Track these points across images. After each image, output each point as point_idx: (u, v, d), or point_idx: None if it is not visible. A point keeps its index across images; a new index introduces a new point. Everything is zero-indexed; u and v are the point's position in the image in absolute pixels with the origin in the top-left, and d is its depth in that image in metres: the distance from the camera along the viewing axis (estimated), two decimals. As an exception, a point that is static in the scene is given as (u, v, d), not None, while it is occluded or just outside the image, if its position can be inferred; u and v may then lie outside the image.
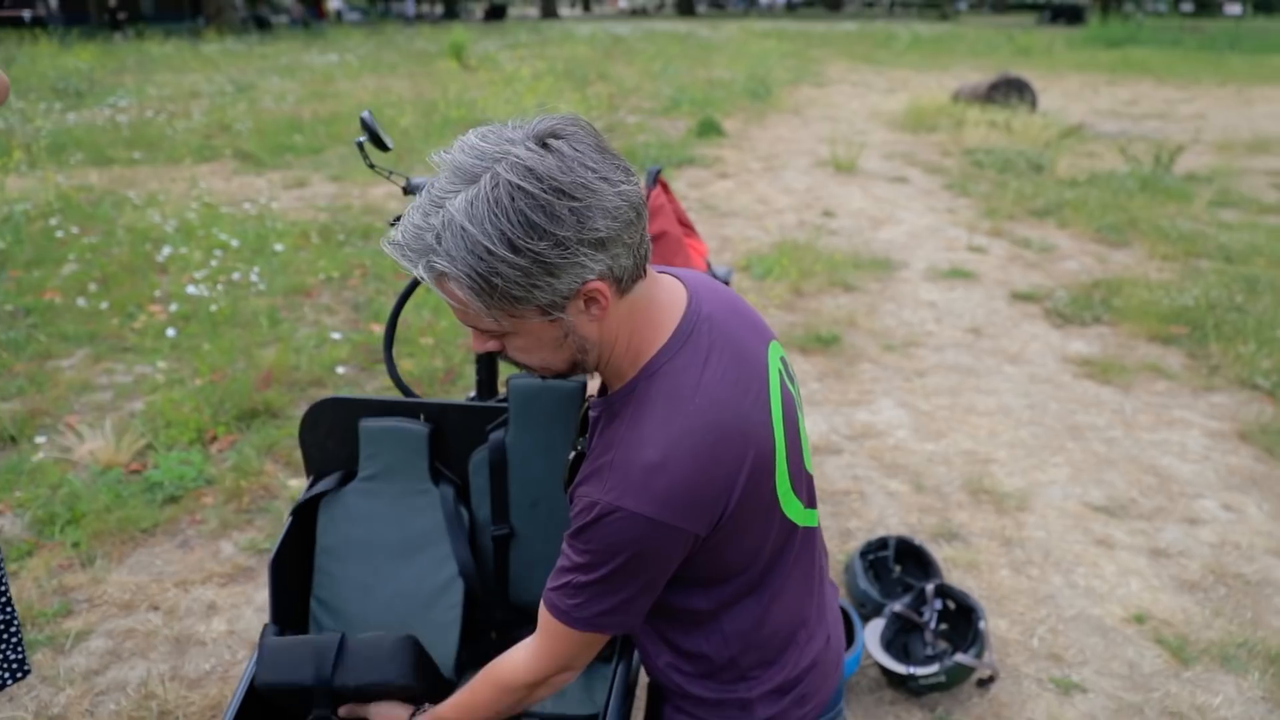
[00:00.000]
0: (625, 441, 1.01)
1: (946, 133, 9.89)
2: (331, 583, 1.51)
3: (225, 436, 3.17)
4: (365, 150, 1.75)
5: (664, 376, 1.02)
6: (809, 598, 1.26)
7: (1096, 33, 24.48)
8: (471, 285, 0.92)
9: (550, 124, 0.94)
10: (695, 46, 21.96)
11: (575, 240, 0.91)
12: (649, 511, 0.98)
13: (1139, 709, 2.04)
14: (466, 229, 0.89)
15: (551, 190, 0.90)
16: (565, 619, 1.08)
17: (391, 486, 1.49)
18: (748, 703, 1.24)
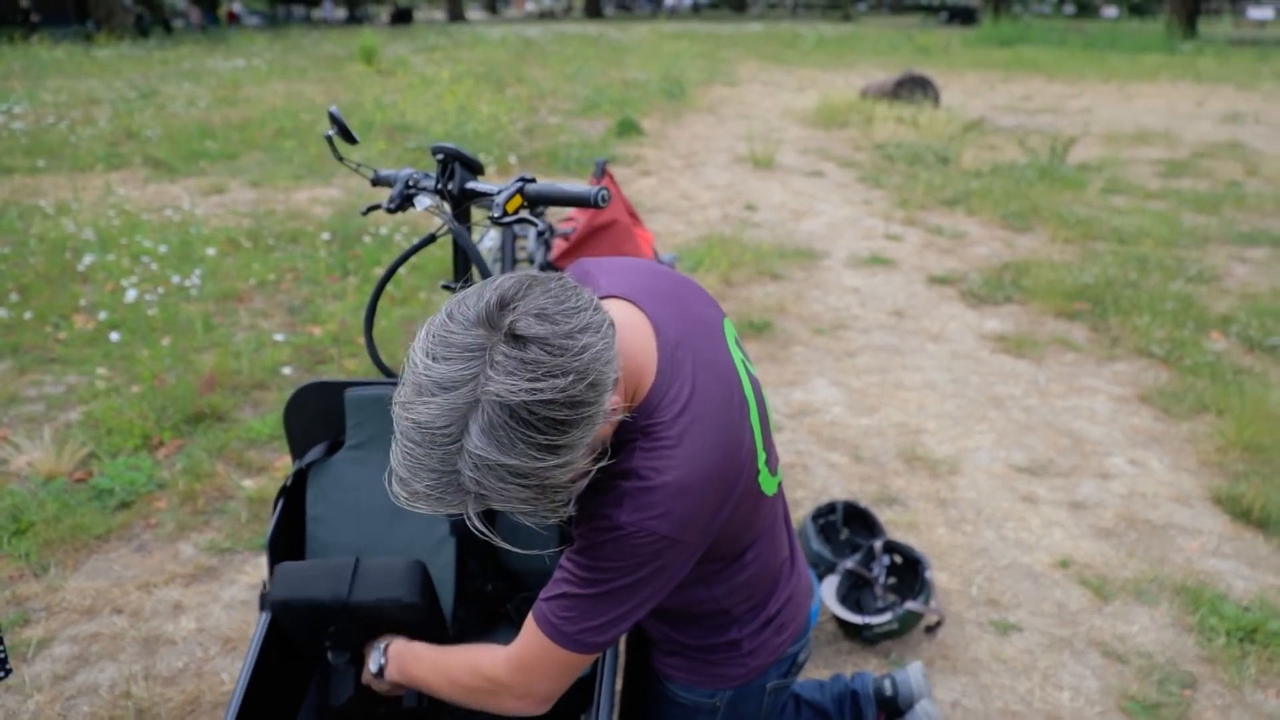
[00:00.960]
0: (645, 470, 1.02)
1: (857, 128, 10.26)
2: (325, 550, 1.55)
3: (171, 441, 3.13)
4: (334, 144, 1.80)
5: (663, 411, 1.05)
6: (783, 545, 1.39)
7: (989, 33, 25.61)
8: (538, 499, 0.90)
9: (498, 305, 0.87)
10: (607, 48, 22.10)
11: (597, 406, 0.90)
12: (672, 531, 1.02)
13: (1068, 642, 2.24)
14: (502, 463, 0.85)
15: (560, 387, 0.85)
16: (551, 633, 1.09)
17: (379, 453, 1.53)
18: (738, 642, 1.35)
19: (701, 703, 1.39)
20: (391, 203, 1.66)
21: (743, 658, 1.36)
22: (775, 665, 1.41)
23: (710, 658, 1.35)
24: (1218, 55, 20.47)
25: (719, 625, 1.33)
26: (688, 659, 1.37)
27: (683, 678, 1.39)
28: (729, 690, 1.38)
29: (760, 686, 1.41)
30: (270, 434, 3.19)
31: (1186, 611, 2.34)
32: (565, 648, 1.09)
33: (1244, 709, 2.04)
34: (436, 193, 1.63)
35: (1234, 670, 2.14)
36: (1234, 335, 4.22)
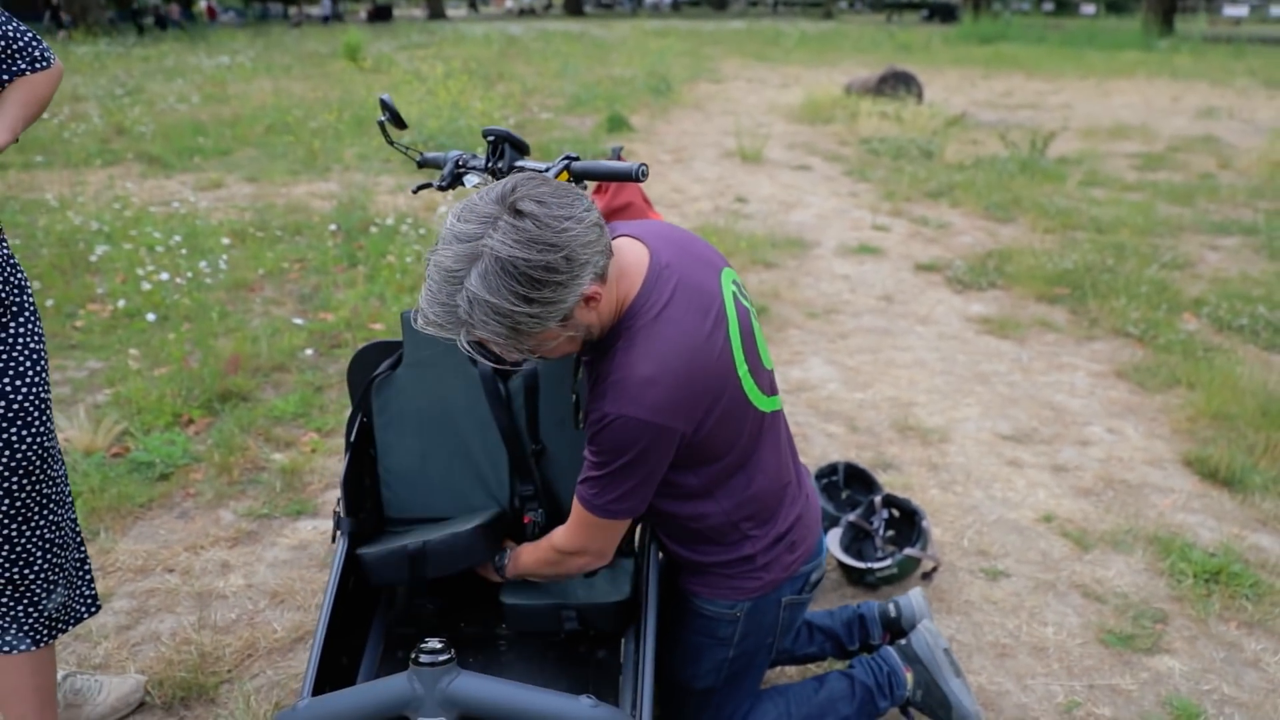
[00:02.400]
0: (621, 365, 1.30)
1: (842, 124, 10.49)
2: (392, 452, 1.74)
3: (201, 419, 3.28)
4: (386, 129, 1.96)
5: (642, 316, 1.32)
6: (786, 467, 1.59)
7: (970, 30, 25.95)
8: (504, 338, 1.20)
9: (512, 191, 1.18)
10: (591, 45, 22.24)
11: (568, 276, 1.18)
12: (645, 416, 1.28)
13: (1051, 585, 2.44)
14: (488, 300, 1.15)
15: (540, 250, 1.15)
16: (587, 506, 1.41)
17: (435, 367, 1.71)
18: (752, 557, 1.55)
19: (723, 613, 1.59)
20: (443, 181, 1.83)
21: (757, 571, 1.55)
22: (789, 581, 1.60)
23: (728, 572, 1.55)
24: (1194, 52, 20.88)
25: (733, 542, 1.52)
26: (709, 575, 1.57)
27: (706, 593, 1.59)
28: (747, 601, 1.58)
29: (776, 600, 1.60)
30: (294, 412, 3.34)
31: (1158, 558, 2.55)
32: (601, 516, 1.41)
33: (1209, 639, 2.25)
34: (487, 171, 1.80)
35: (1200, 606, 2.35)
36: (1205, 317, 4.45)
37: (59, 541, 1.69)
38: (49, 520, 1.65)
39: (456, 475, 1.78)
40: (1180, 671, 2.14)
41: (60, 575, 1.70)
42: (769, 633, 1.63)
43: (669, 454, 1.36)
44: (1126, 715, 2.01)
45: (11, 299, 1.54)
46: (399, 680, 1.03)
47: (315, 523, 2.71)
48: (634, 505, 1.40)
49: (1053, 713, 2.01)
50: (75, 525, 1.76)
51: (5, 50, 1.57)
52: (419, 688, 1.02)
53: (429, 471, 1.78)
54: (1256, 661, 2.18)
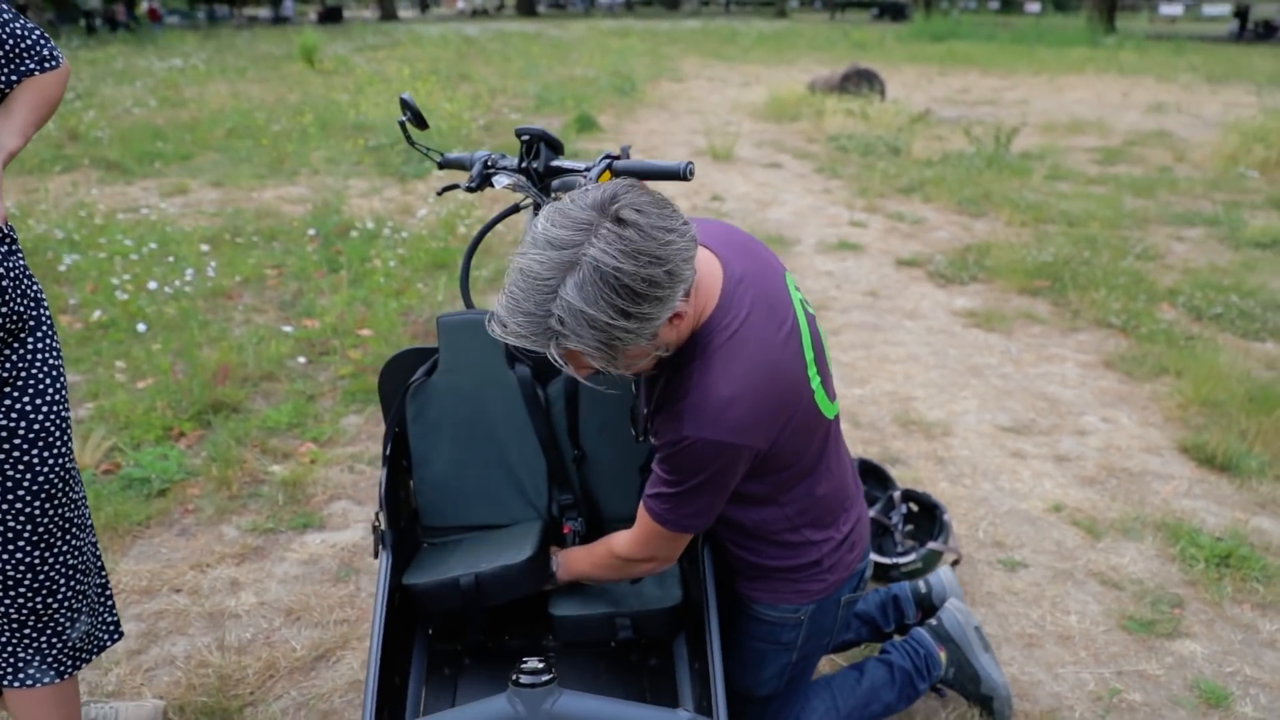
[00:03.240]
0: (699, 387, 1.26)
1: (809, 121, 10.56)
2: (428, 461, 1.70)
3: (192, 432, 3.18)
4: (407, 129, 1.91)
5: (719, 334, 1.27)
6: (847, 469, 1.57)
7: (922, 28, 26.35)
8: (599, 352, 1.14)
9: (612, 199, 1.12)
10: (549, 46, 22.14)
11: (668, 289, 1.14)
12: (724, 438, 1.26)
13: (1069, 574, 2.47)
14: (586, 312, 1.09)
15: (644, 263, 1.10)
16: (659, 520, 1.39)
17: (472, 373, 1.67)
18: (818, 560, 1.53)
19: (787, 618, 1.57)
20: (472, 182, 1.79)
21: (823, 574, 1.54)
22: (848, 580, 1.59)
23: (793, 576, 1.53)
24: (1138, 49, 21.44)
25: (799, 546, 1.51)
26: (772, 580, 1.54)
27: (768, 598, 1.56)
28: (811, 604, 1.56)
29: (837, 600, 1.59)
30: (288, 422, 3.26)
31: (1168, 544, 2.59)
32: (673, 530, 1.40)
33: (1225, 621, 2.29)
34: (520, 171, 1.76)
35: (1214, 590, 2.40)
36: (1181, 306, 4.55)
37: (81, 567, 1.61)
38: (72, 545, 1.58)
39: (494, 483, 1.74)
40: (1202, 655, 2.18)
41: (84, 602, 1.63)
42: (828, 633, 1.62)
43: (744, 470, 1.35)
44: (1157, 700, 2.03)
45: (29, 313, 1.47)
46: (499, 703, 1.00)
47: (323, 536, 2.64)
48: (707, 519, 1.40)
49: (1086, 700, 2.03)
50: (96, 549, 1.69)
51: (13, 50, 1.50)
52: (522, 710, 0.99)
53: (466, 480, 1.74)
54: (1273, 642, 2.23)
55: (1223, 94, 14.16)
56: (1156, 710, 2.01)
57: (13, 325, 1.41)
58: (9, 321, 1.40)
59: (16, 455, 1.44)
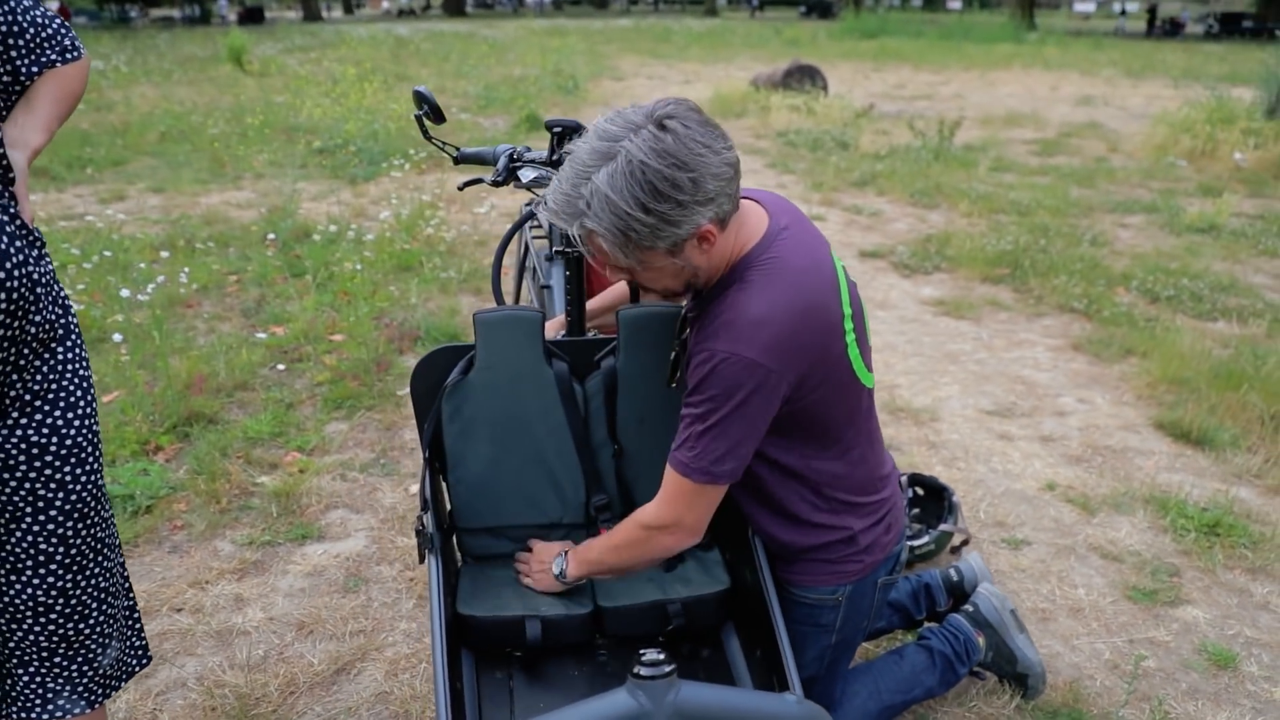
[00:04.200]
0: (733, 306, 1.30)
1: (755, 117, 10.66)
2: (464, 460, 1.67)
3: (170, 446, 3.06)
4: (424, 123, 1.87)
5: (758, 264, 1.34)
6: (881, 452, 1.59)
7: (852, 25, 26.86)
8: (613, 239, 1.23)
9: (664, 108, 1.22)
10: (483, 46, 21.91)
11: (691, 200, 1.21)
12: (756, 356, 1.27)
13: (1071, 549, 2.54)
14: (609, 197, 1.19)
15: (671, 164, 1.18)
16: (686, 470, 1.36)
17: (509, 370, 1.64)
18: (854, 538, 1.54)
19: (825, 599, 1.59)
20: (498, 175, 1.76)
21: (860, 554, 1.55)
22: (884, 562, 1.61)
23: (829, 556, 1.55)
24: (1059, 44, 22.21)
25: (836, 523, 1.52)
26: (810, 562, 1.56)
27: (806, 580, 1.58)
28: (849, 585, 1.58)
29: (873, 582, 1.61)
30: (270, 431, 3.16)
31: (1158, 517, 2.69)
32: (698, 480, 1.35)
33: (1220, 587, 2.39)
34: (549, 164, 1.74)
35: (1206, 558, 2.50)
36: (1135, 290, 4.72)
37: (113, 589, 1.53)
38: (104, 567, 1.50)
39: (530, 482, 1.71)
40: (1205, 620, 2.26)
41: (114, 627, 1.55)
42: (866, 614, 1.64)
43: (773, 406, 1.33)
44: (1169, 665, 2.11)
45: (58, 320, 1.39)
46: (621, 696, 0.98)
47: (324, 547, 2.56)
48: (734, 467, 1.36)
49: (1104, 669, 2.09)
50: (124, 569, 1.61)
51: (34, 39, 1.41)
52: (646, 702, 0.97)
53: (501, 479, 1.70)
54: (1266, 604, 2.33)
55: (1143, 88, 14.76)
56: (1171, 675, 2.08)
57: (45, 335, 1.34)
58: (42, 331, 1.32)
59: (49, 474, 1.36)
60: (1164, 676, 2.07)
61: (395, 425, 3.23)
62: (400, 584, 2.39)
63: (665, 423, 1.68)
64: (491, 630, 1.56)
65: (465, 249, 5.24)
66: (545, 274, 2.46)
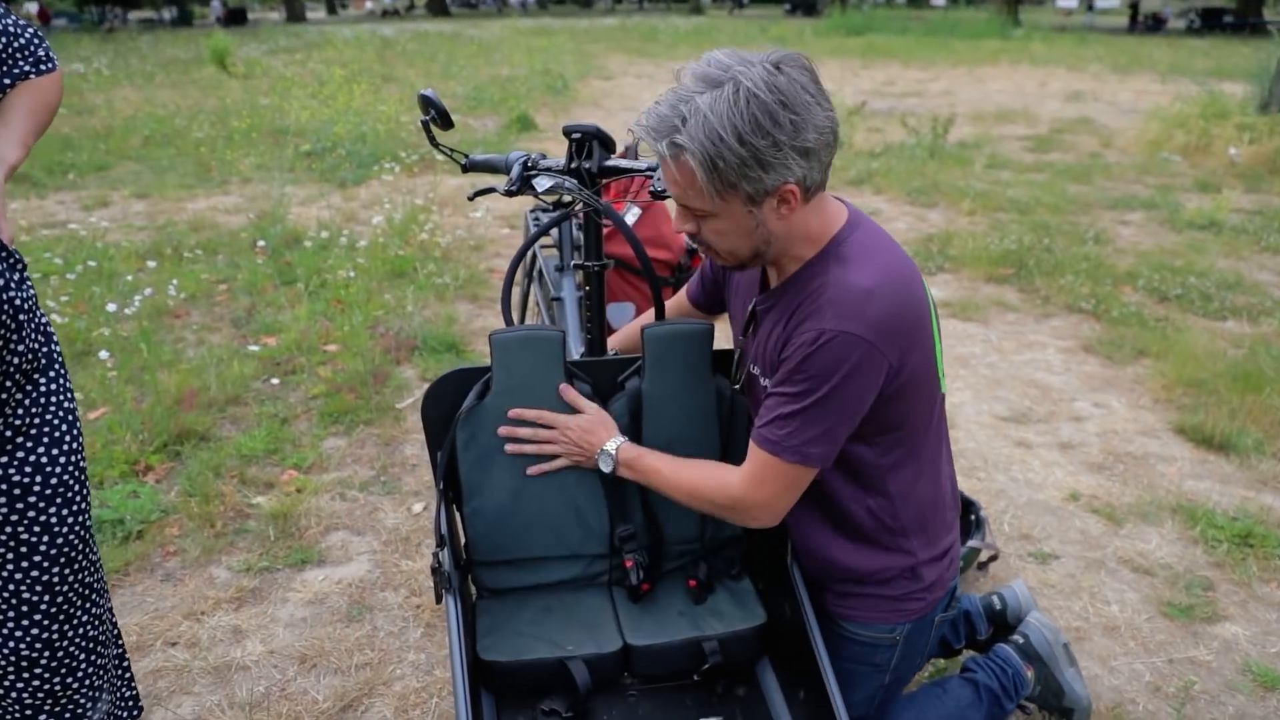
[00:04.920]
0: (835, 283, 1.24)
1: (746, 117, 10.56)
2: (481, 491, 1.56)
3: (161, 466, 2.94)
4: (431, 129, 1.76)
5: (852, 243, 1.29)
6: (949, 471, 1.50)
7: (839, 22, 26.80)
8: (701, 161, 1.16)
9: (780, 54, 1.18)
10: (470, 46, 21.72)
11: (788, 144, 1.16)
12: (865, 333, 1.20)
13: (1101, 563, 2.46)
14: (708, 118, 1.13)
15: (778, 101, 1.14)
16: (775, 449, 1.28)
17: (528, 394, 1.54)
18: (916, 568, 1.44)
19: (881, 638, 1.48)
20: (512, 184, 1.66)
21: (922, 591, 1.45)
22: (943, 598, 1.51)
23: (892, 592, 1.44)
24: (1045, 40, 22.23)
25: (893, 542, 1.42)
26: (869, 597, 1.45)
27: (863, 616, 1.47)
28: (908, 624, 1.47)
29: (931, 620, 1.51)
30: (265, 449, 3.04)
31: (1187, 527, 2.61)
32: (790, 461, 1.28)
33: (1258, 602, 2.31)
34: (568, 172, 1.63)
35: (1240, 570, 2.42)
36: (1142, 289, 4.66)
37: (102, 638, 1.43)
38: (92, 615, 1.39)
39: (552, 511, 1.61)
40: (1245, 637, 2.18)
41: (104, 679, 1.44)
42: (922, 653, 1.55)
43: (872, 390, 1.25)
44: (1214, 687, 2.03)
45: (40, 349, 1.28)
46: None
47: (325, 572, 2.45)
48: (827, 450, 1.28)
49: (1146, 693, 2.01)
50: (113, 615, 1.50)
51: (5, 49, 1.31)
52: None
53: (522, 509, 1.60)
54: (1306, 620, 2.25)
55: (1130, 83, 14.76)
56: (1216, 697, 2.00)
57: (28, 365, 1.23)
58: (25, 362, 1.21)
59: (33, 515, 1.25)
60: (1209, 700, 1.99)
61: (394, 440, 3.12)
62: (407, 611, 2.28)
63: (694, 445, 1.58)
64: (515, 675, 1.46)
65: (461, 254, 5.13)
66: (556, 285, 2.36)
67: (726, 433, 1.61)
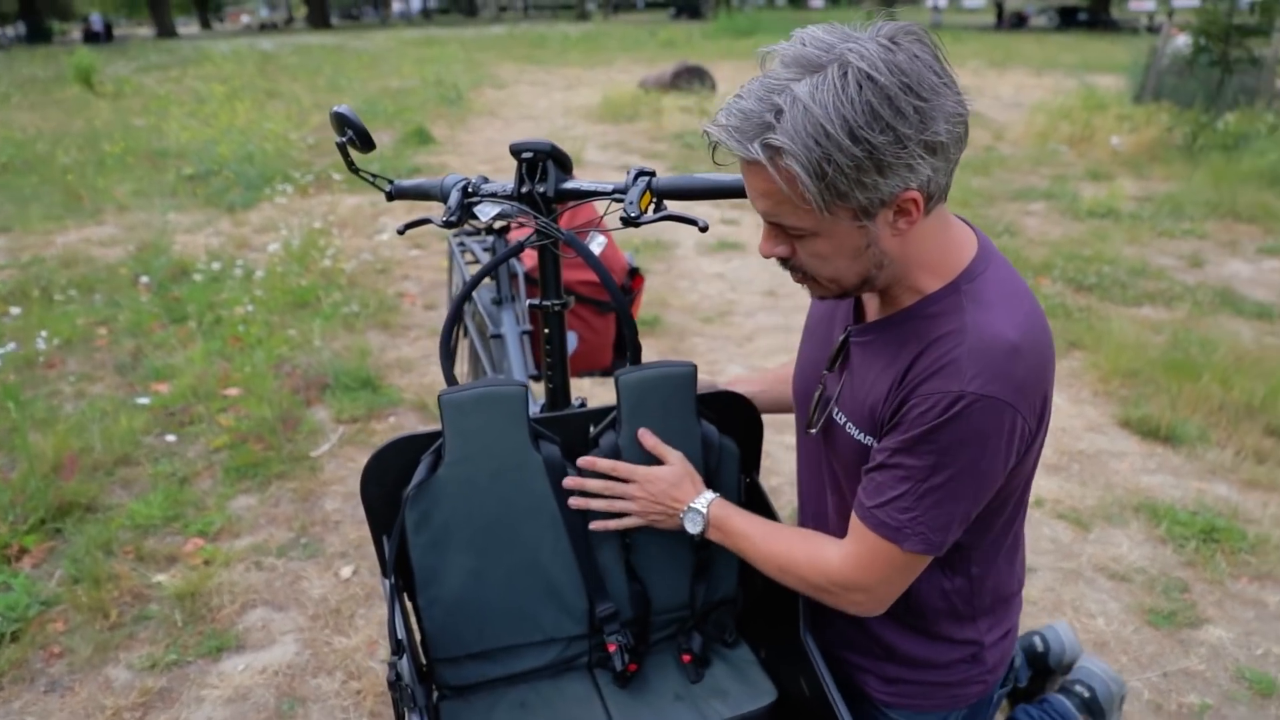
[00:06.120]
0: (976, 330, 0.97)
1: (649, 120, 10.46)
2: (436, 579, 1.32)
3: (38, 548, 2.56)
4: (348, 152, 1.51)
5: (989, 280, 1.02)
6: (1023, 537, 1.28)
7: (726, 24, 27.17)
8: (805, 165, 0.89)
9: (895, 26, 0.92)
10: (355, 58, 21.02)
11: (914, 139, 0.89)
12: (1011, 398, 0.96)
13: (1078, 573, 2.38)
14: (810, 109, 0.87)
15: (900, 85, 0.87)
16: (894, 535, 1.03)
17: (487, 460, 1.31)
18: (980, 653, 1.23)
19: None
20: (451, 215, 1.42)
21: (985, 674, 1.25)
22: (1003, 676, 1.32)
23: (949, 678, 1.24)
24: (924, 37, 22.99)
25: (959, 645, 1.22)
26: (922, 685, 1.25)
27: (912, 705, 1.26)
28: (964, 710, 1.27)
29: (990, 699, 1.32)
30: (163, 515, 2.70)
31: (1153, 526, 2.57)
32: (912, 548, 1.03)
33: (1233, 600, 2.28)
34: (518, 197, 1.41)
35: (1211, 568, 2.38)
36: (1059, 279, 4.72)
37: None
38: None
39: (521, 594, 1.39)
40: (1229, 640, 2.14)
41: None
42: None
43: (1011, 462, 1.01)
44: (1213, 698, 1.96)
45: None
46: None
47: (246, 659, 2.15)
48: (951, 538, 1.04)
49: (1148, 711, 1.92)
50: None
51: None
52: None
53: (486, 594, 1.37)
54: (1282, 615, 2.23)
55: (1009, 77, 15.36)
56: (1218, 710, 1.93)
57: None
58: None
59: None
60: (1213, 714, 1.92)
61: (313, 494, 2.82)
62: (345, 699, 2.01)
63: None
64: None
65: (367, 279, 4.80)
66: (494, 321, 2.13)
67: (713, 484, 1.42)
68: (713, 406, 1.42)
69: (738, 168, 0.99)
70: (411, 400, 3.40)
